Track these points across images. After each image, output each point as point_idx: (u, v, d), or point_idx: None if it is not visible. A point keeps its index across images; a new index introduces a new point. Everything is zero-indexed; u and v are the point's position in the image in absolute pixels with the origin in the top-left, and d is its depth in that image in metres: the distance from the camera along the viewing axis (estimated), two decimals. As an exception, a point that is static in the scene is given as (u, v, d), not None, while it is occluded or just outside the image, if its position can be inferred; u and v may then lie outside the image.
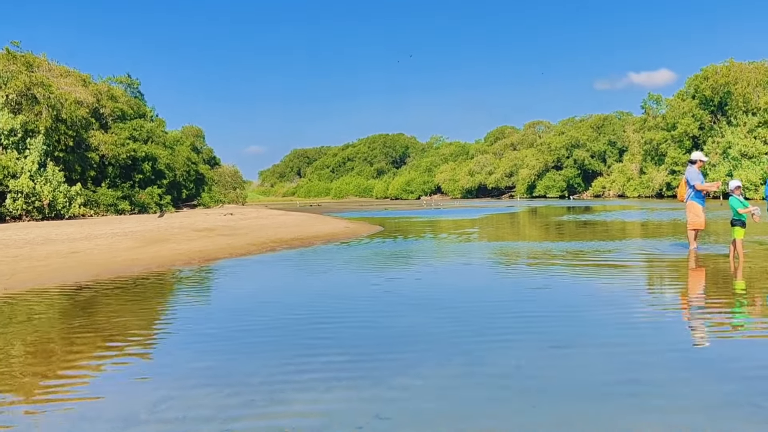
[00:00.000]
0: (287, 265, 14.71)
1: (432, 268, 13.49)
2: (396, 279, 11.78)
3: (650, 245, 16.99)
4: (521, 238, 22.26)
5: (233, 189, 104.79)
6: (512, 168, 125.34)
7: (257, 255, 17.01)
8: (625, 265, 13.08)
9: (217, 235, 22.09)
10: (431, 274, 12.37)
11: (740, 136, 61.94)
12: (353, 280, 11.56)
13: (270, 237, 21.51)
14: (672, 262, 13.36)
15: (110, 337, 7.37)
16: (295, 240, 21.02)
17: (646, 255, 14.82)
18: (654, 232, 23.23)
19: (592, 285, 10.64)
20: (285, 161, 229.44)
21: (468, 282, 11.37)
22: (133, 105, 72.44)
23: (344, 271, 13.02)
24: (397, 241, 20.74)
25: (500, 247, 17.90)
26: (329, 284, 11.15)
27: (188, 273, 13.36)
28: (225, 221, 32.37)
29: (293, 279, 12.10)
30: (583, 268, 12.49)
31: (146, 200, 52.48)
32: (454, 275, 11.94)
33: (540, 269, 12.55)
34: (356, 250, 18.02)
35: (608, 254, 15.00)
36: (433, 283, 11.21)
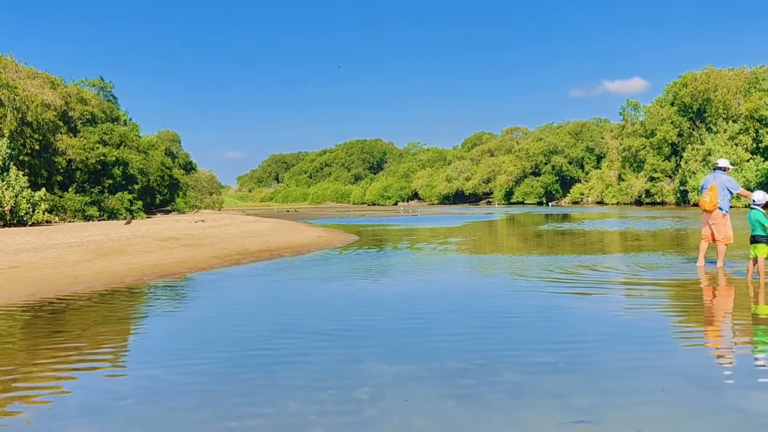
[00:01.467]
0: (248, 283, 13.43)
1: (408, 290, 12.30)
2: (367, 307, 10.51)
3: (661, 260, 15.84)
4: (504, 250, 21.16)
5: (209, 194, 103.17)
6: (490, 174, 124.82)
7: (219, 269, 15.73)
8: (654, 283, 11.97)
9: (180, 246, 20.74)
10: (407, 302, 11.10)
11: (720, 143, 61.55)
12: (317, 308, 10.27)
13: (236, 248, 20.21)
14: (730, 282, 12.28)
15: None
16: (263, 251, 19.75)
17: (659, 273, 13.69)
18: (651, 243, 22.23)
19: (617, 317, 9.47)
20: (263, 166, 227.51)
21: (452, 312, 10.18)
22: (105, 108, 70.68)
23: (309, 294, 11.77)
24: (371, 254, 19.55)
25: (482, 262, 16.77)
26: (288, 313, 9.88)
27: (131, 294, 12.03)
28: (193, 229, 30.97)
29: (249, 305, 10.80)
30: (598, 290, 11.38)
31: (116, 206, 50.75)
32: (435, 304, 10.67)
33: (540, 294, 11.33)
34: (327, 264, 16.81)
35: (618, 273, 13.80)
36: (410, 312, 9.95)
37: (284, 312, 9.78)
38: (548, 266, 14.53)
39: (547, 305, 9.66)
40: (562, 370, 5.94)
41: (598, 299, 10.15)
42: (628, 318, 8.56)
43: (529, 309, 9.38)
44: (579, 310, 9.28)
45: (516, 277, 12.88)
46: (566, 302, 9.96)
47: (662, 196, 76.28)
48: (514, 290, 11.26)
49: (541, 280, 12.27)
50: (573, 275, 12.83)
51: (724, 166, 13.64)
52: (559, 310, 9.24)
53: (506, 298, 10.49)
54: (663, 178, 76.78)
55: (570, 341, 7.24)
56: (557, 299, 10.21)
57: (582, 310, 9.27)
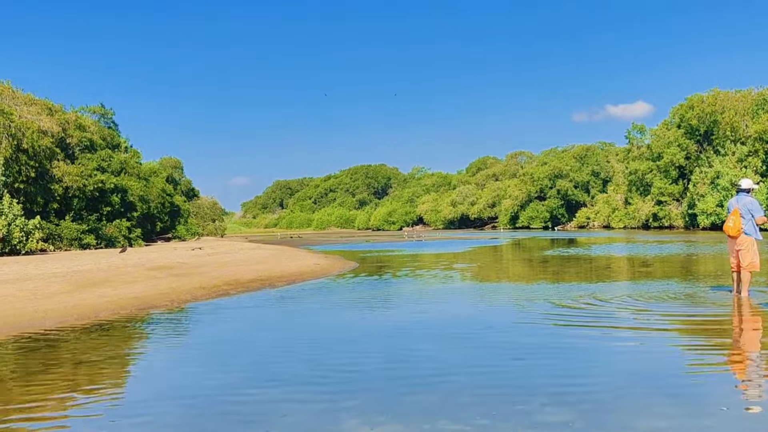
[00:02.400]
0: (228, 318, 12.40)
1: (404, 324, 11.25)
2: (356, 346, 9.49)
3: (675, 289, 14.74)
4: (509, 277, 20.10)
5: (212, 221, 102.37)
6: (495, 198, 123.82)
7: (203, 301, 14.72)
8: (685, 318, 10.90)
9: (168, 276, 19.75)
10: (400, 339, 10.07)
11: (729, 165, 60.45)
12: (299, 347, 9.23)
13: (227, 278, 19.20)
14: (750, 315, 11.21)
15: None
16: (254, 281, 18.73)
17: (683, 306, 12.61)
18: (662, 270, 21.14)
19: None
20: (267, 192, 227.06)
21: (450, 352, 9.14)
22: (106, 135, 70.17)
23: (293, 330, 10.74)
24: (369, 282, 18.51)
25: (486, 291, 15.73)
26: (265, 355, 8.84)
27: (99, 332, 11.02)
28: (188, 257, 30.01)
29: (223, 345, 9.77)
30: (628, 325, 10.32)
31: (114, 233, 49.88)
32: (432, 341, 9.62)
33: (548, 329, 10.28)
34: (320, 294, 15.79)
35: (632, 304, 12.74)
36: (403, 352, 8.93)
37: (261, 353, 8.74)
38: (556, 296, 13.49)
39: (557, 344, 8.60)
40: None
41: (613, 338, 9.09)
42: (649, 361, 7.51)
43: (536, 348, 8.33)
44: (592, 350, 8.23)
45: (522, 309, 11.83)
46: (577, 341, 8.90)
47: (670, 219, 75.08)
48: (519, 324, 10.22)
49: (548, 313, 11.22)
50: (583, 307, 11.77)
51: (748, 188, 12.57)
52: (570, 351, 8.17)
53: (511, 334, 9.44)
54: (671, 201, 75.62)
55: (585, 391, 6.19)
56: (567, 336, 9.16)
57: (596, 350, 8.22)
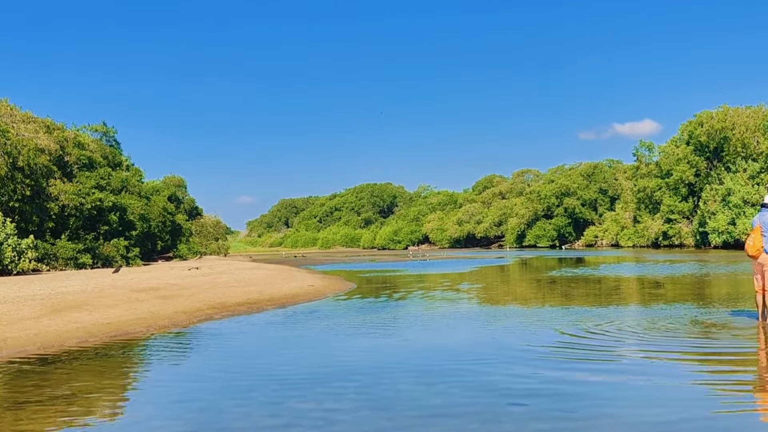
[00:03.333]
0: (198, 349, 11.27)
1: (390, 359, 10.09)
2: (330, 387, 8.34)
3: (693, 314, 13.53)
4: (514, 300, 18.90)
5: (215, 240, 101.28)
6: (501, 217, 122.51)
7: (182, 327, 13.62)
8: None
9: (153, 298, 18.64)
10: (383, 377, 8.90)
11: (741, 182, 59.12)
12: (264, 388, 8.05)
13: (214, 300, 18.08)
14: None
15: None
16: (242, 304, 17.60)
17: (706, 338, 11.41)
18: (676, 292, 19.93)
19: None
20: (272, 211, 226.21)
21: (440, 396, 7.97)
22: (108, 153, 69.50)
23: (263, 365, 9.58)
24: (363, 306, 17.36)
25: (489, 317, 14.55)
26: (223, 399, 7.67)
27: (57, 364, 9.90)
28: (182, 278, 28.91)
29: (180, 383, 8.62)
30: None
31: (111, 253, 48.90)
32: (420, 380, 8.42)
33: (556, 364, 9.10)
34: (306, 320, 14.64)
35: (649, 333, 11.55)
36: (382, 396, 7.76)
37: (219, 397, 7.56)
38: (562, 322, 12.32)
39: (566, 389, 7.38)
40: None
41: (624, 377, 7.89)
42: (668, 407, 6.34)
43: (538, 392, 7.14)
44: (602, 394, 7.05)
45: (525, 340, 10.66)
46: (585, 382, 7.72)
47: (680, 238, 73.64)
48: (521, 358, 9.04)
49: (553, 345, 10.04)
50: (591, 338, 10.58)
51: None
52: (582, 400, 6.96)
53: (510, 372, 8.24)
54: (680, 219, 74.21)
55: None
56: (578, 376, 7.98)
57: (606, 394, 7.04)
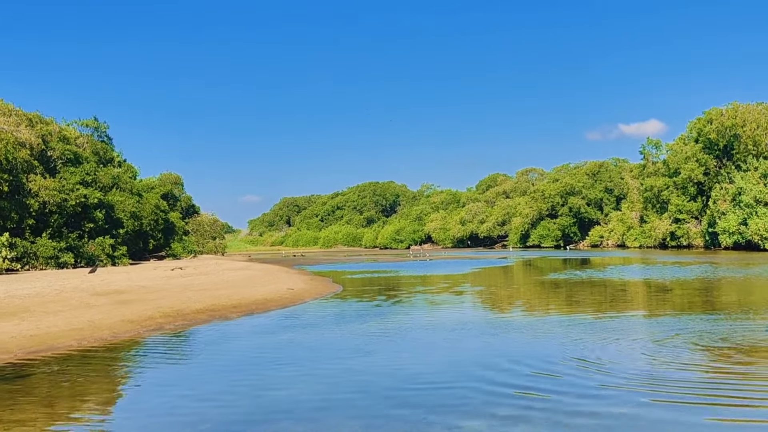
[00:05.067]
0: (111, 377, 9.21)
1: (350, 390, 8.02)
2: (262, 428, 6.24)
3: (713, 327, 11.45)
4: (515, 307, 16.83)
5: (212, 239, 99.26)
6: (505, 216, 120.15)
7: (120, 341, 11.57)
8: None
9: (108, 303, 16.60)
10: (336, 411, 6.82)
11: (752, 181, 56.78)
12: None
13: (172, 307, 16.01)
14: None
15: None
16: (203, 312, 15.54)
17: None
18: (690, 298, 17.84)
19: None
20: (274, 210, 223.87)
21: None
22: (99, 149, 67.49)
23: (184, 399, 7.52)
24: (341, 314, 15.29)
25: (485, 329, 12.48)
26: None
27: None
28: (156, 279, 26.88)
29: (81, 416, 6.58)
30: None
31: (96, 252, 46.86)
32: (382, 417, 6.34)
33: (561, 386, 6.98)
34: (265, 335, 12.59)
35: (665, 347, 9.41)
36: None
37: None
38: (571, 335, 10.27)
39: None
40: None
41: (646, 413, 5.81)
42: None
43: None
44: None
45: (513, 366, 8.59)
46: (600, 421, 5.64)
47: (689, 238, 71.26)
48: (502, 397, 6.97)
49: (561, 361, 7.97)
50: (596, 366, 8.50)
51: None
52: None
53: (483, 415, 6.17)
54: (689, 219, 71.85)
55: None
56: (586, 404, 5.91)
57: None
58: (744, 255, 47.75)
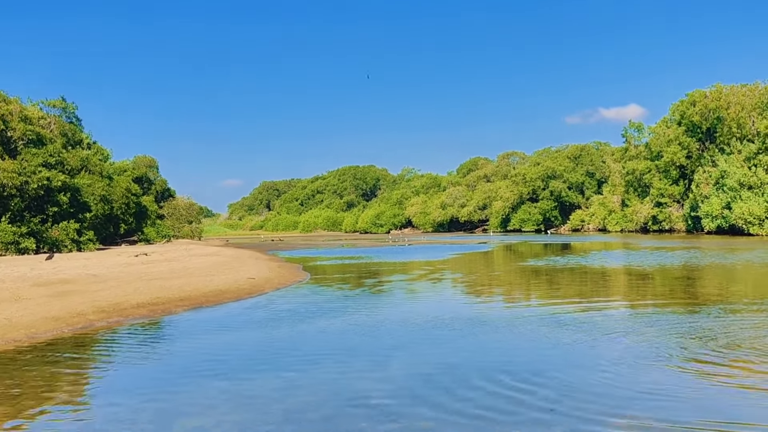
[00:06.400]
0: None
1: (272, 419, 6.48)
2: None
3: (722, 326, 10.09)
4: (494, 297, 15.44)
5: (188, 223, 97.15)
6: (485, 200, 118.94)
7: (36, 343, 9.98)
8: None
9: (44, 295, 14.95)
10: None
11: (736, 164, 55.74)
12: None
13: (109, 301, 14.39)
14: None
15: None
16: (143, 307, 13.92)
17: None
18: (675, 289, 16.53)
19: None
20: (254, 194, 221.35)
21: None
22: (67, 131, 65.17)
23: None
24: (298, 311, 13.77)
25: (459, 325, 11.04)
26: None
27: None
28: (112, 267, 25.16)
29: None
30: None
31: (60, 237, 44.88)
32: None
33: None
34: (199, 337, 11.01)
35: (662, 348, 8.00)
36: None
37: None
38: (552, 331, 8.85)
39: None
40: None
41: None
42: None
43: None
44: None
45: (505, 368, 7.15)
46: None
47: (670, 222, 70.38)
48: (482, 418, 5.52)
49: (540, 376, 6.53)
50: (590, 353, 7.08)
51: None
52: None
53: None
54: (671, 203, 70.93)
55: None
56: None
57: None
58: (728, 240, 46.77)
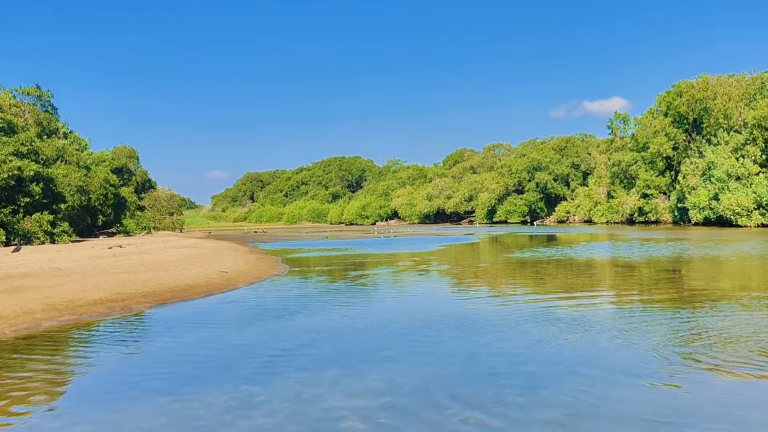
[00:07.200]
0: None
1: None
2: None
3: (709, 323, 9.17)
4: (481, 290, 14.48)
5: (170, 214, 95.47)
6: (471, 192, 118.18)
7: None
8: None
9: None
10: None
11: (724, 155, 55.11)
12: None
13: (69, 296, 13.28)
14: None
15: None
16: (103, 302, 12.83)
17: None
18: (679, 284, 15.65)
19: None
20: (237, 185, 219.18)
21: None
22: (42, 119, 63.59)
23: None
24: (275, 307, 12.74)
25: (442, 323, 10.06)
26: None
27: None
28: (80, 260, 23.96)
29: None
30: None
31: (33, 228, 43.47)
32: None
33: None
34: (158, 339, 9.97)
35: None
36: None
37: None
38: (549, 332, 7.88)
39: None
40: None
41: None
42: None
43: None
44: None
45: (503, 362, 6.16)
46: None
47: (657, 214, 69.80)
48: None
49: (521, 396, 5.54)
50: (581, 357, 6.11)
51: None
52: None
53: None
54: (657, 194, 70.34)
55: None
56: None
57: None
58: (717, 231, 46.14)
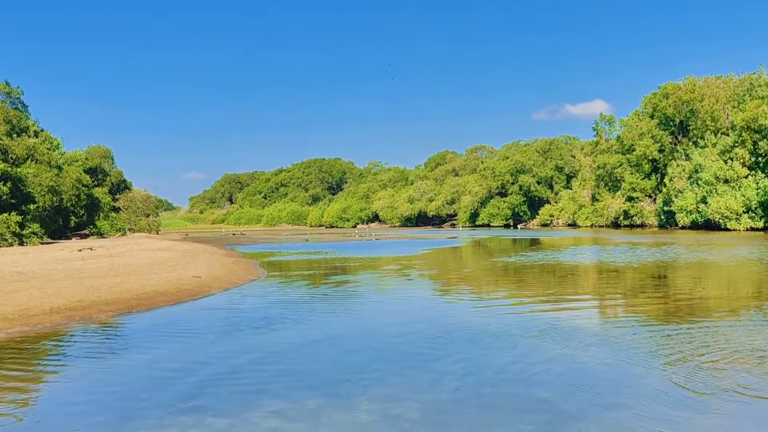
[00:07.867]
0: None
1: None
2: None
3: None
4: (464, 296, 13.13)
5: (145, 216, 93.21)
6: (454, 195, 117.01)
7: None
8: None
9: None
10: None
11: (711, 158, 54.33)
12: None
13: (24, 304, 11.76)
14: None
15: None
16: (61, 311, 11.31)
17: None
18: (670, 293, 14.39)
19: None
20: (215, 186, 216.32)
21: None
22: (12, 117, 61.33)
23: None
24: (250, 316, 11.30)
25: (425, 332, 8.68)
26: None
27: None
28: (43, 264, 22.34)
29: None
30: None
31: (0, 230, 41.59)
32: None
33: None
34: (112, 357, 8.52)
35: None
36: None
37: None
38: (544, 346, 6.54)
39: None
40: None
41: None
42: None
43: None
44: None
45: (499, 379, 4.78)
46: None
47: (642, 217, 68.96)
48: None
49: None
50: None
51: None
52: None
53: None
54: (643, 197, 69.54)
55: None
56: None
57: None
58: (706, 235, 45.27)
